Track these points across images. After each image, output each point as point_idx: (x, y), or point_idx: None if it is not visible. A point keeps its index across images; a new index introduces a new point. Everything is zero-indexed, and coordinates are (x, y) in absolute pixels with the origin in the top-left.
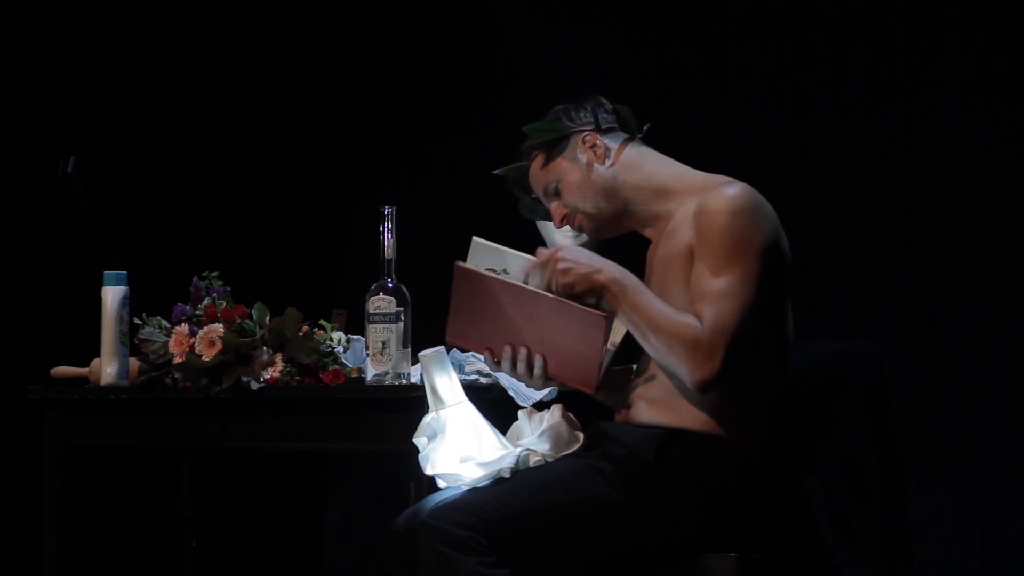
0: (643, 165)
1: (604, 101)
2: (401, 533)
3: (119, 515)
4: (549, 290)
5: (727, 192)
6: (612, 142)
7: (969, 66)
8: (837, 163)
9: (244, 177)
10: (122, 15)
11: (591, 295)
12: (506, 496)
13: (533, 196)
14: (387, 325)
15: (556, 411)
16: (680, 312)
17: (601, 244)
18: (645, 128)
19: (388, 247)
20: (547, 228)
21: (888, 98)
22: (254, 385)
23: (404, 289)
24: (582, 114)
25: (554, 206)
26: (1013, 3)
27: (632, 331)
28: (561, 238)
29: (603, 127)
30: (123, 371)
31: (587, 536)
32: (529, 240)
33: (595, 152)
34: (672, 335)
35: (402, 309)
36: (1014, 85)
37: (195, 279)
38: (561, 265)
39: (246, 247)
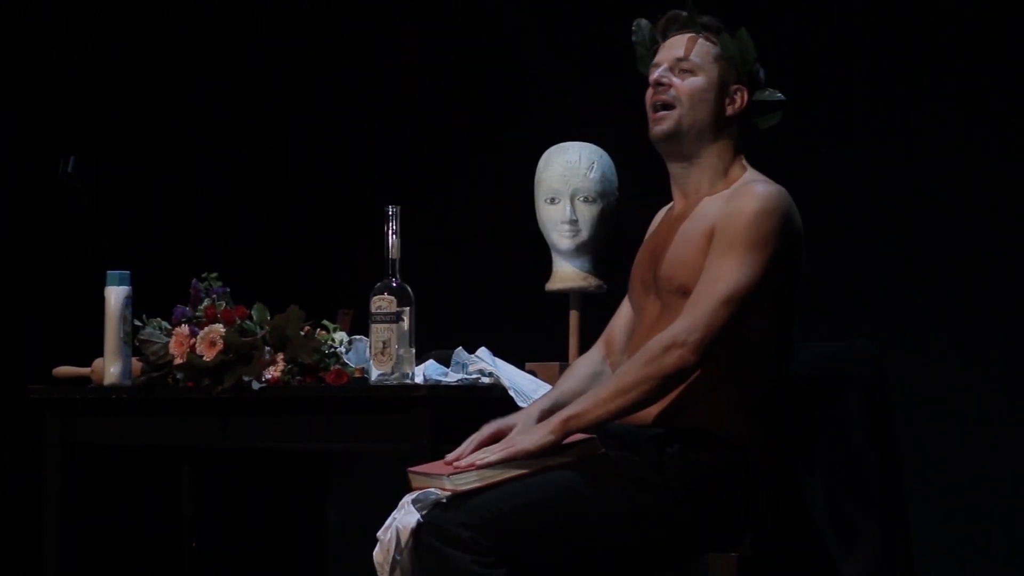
0: (736, 141)
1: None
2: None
3: (119, 515)
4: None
5: (758, 189)
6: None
7: (970, 67)
8: (837, 162)
9: (252, 179)
10: (123, 14)
11: (559, 437)
12: (507, 496)
13: (652, 50)
14: (388, 325)
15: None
16: (631, 361)
17: (600, 243)
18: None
19: (392, 247)
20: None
21: (889, 96)
22: (255, 385)
23: (408, 289)
24: (751, 60)
25: (666, 77)
26: (1014, 3)
27: (622, 418)
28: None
29: (755, 98)
30: (126, 371)
31: (587, 536)
32: (535, 244)
33: (732, 102)
34: (647, 371)
35: (404, 309)
36: (1015, 85)
37: (194, 280)
38: (519, 443)
39: (252, 249)
